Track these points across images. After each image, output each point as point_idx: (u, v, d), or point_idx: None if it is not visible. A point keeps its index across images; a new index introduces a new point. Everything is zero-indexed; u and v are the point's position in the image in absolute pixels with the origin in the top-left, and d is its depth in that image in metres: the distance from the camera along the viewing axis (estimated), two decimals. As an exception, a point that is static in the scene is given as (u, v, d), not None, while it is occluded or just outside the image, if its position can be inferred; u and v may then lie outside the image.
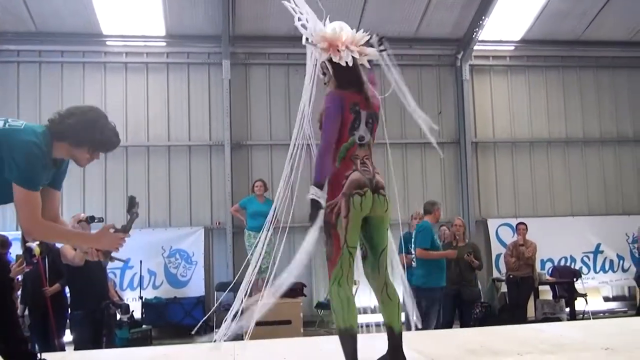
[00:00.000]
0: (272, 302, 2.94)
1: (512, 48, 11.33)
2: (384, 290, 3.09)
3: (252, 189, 8.66)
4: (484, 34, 10.51)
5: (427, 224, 6.74)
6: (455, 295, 7.34)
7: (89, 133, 2.76)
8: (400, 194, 10.29)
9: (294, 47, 10.28)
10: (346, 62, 3.08)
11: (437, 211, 6.91)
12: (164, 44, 10.41)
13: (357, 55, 3.11)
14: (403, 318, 3.24)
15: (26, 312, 6.53)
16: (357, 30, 3.18)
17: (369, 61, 3.23)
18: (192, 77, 10.46)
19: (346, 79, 3.11)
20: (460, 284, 7.40)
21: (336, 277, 2.97)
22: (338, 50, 3.08)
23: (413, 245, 6.69)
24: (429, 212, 6.83)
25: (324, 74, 3.15)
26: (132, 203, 2.92)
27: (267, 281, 2.95)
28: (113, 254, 2.95)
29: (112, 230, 2.87)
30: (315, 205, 2.94)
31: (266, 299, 2.94)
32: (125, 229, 2.87)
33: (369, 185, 3.02)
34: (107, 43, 10.22)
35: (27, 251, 5.94)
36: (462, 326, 7.37)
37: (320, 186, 2.97)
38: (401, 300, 3.17)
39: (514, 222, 9.87)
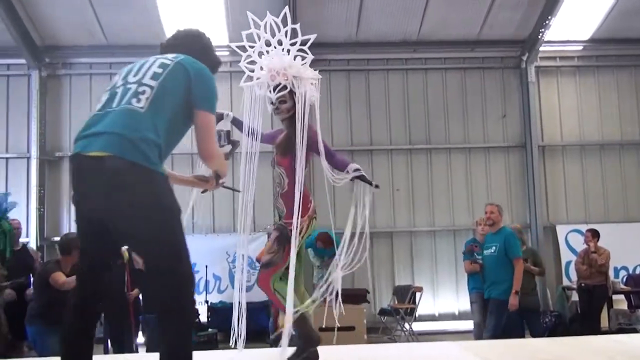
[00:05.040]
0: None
1: (581, 48, 10.96)
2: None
3: None
4: (550, 34, 10.19)
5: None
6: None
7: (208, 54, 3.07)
8: (464, 200, 10.24)
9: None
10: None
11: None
12: (227, 53, 10.60)
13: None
14: None
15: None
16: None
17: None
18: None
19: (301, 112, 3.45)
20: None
21: (283, 276, 3.34)
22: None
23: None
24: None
25: (284, 102, 3.52)
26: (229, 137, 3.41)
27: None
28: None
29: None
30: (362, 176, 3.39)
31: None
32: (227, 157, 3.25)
33: None
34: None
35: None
36: (532, 336, 7.11)
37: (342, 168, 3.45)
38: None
39: (584, 228, 9.50)
